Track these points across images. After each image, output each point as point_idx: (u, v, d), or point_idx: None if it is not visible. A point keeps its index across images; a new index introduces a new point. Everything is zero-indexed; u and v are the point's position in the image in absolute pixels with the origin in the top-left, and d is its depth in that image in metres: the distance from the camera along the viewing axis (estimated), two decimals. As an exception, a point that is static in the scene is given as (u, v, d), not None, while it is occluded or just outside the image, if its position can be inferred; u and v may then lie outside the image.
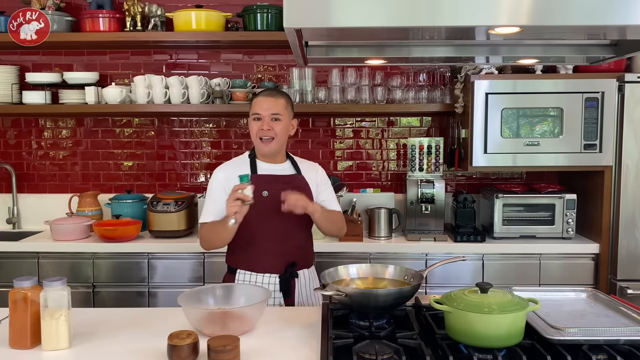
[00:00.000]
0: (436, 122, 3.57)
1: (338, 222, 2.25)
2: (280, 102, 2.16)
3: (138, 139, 3.60)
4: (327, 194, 2.27)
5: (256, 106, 2.16)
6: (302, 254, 2.20)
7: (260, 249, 2.14)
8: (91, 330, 1.69)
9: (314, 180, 2.25)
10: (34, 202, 3.57)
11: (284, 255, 2.14)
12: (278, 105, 2.15)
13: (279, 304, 2.13)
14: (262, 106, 2.15)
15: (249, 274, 2.15)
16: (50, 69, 3.53)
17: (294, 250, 2.17)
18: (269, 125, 2.13)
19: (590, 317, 1.65)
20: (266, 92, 2.20)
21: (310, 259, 2.27)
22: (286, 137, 2.21)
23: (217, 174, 2.20)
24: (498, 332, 1.42)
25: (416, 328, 1.61)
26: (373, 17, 1.29)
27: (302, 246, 2.21)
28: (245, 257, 2.17)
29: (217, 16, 3.23)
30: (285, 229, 2.14)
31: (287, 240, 2.15)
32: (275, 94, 2.18)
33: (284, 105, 2.17)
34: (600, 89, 2.95)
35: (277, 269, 2.14)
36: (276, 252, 2.14)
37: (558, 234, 3.08)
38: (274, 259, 2.14)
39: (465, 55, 1.89)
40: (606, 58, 1.82)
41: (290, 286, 2.14)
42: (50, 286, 1.54)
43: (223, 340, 1.42)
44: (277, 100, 2.16)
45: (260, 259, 2.14)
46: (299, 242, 2.19)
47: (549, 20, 1.29)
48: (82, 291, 3.00)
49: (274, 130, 2.13)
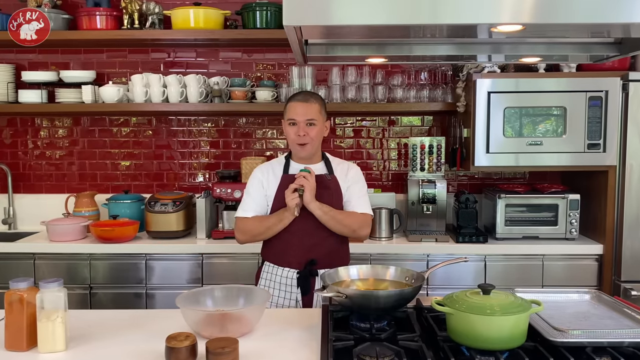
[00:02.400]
0: (438, 121, 3.55)
1: (350, 224, 2.23)
2: (315, 107, 2.21)
3: (135, 139, 3.58)
4: (351, 193, 2.28)
5: (291, 111, 2.21)
6: (324, 252, 2.22)
7: (284, 243, 2.22)
8: (88, 332, 1.68)
9: (344, 180, 2.28)
10: (30, 203, 3.55)
11: (306, 251, 2.20)
12: (313, 110, 2.20)
13: (295, 299, 2.18)
14: (297, 111, 2.20)
15: (274, 266, 2.25)
16: (46, 68, 3.51)
17: (315, 247, 2.20)
18: (305, 130, 2.19)
19: (594, 318, 1.64)
20: (300, 97, 2.24)
21: (337, 261, 2.21)
22: (321, 140, 2.28)
23: (255, 173, 2.31)
24: (500, 334, 1.41)
25: (417, 330, 1.60)
26: (374, 14, 1.28)
27: (324, 245, 2.22)
28: (271, 249, 2.28)
29: (216, 14, 3.21)
30: (307, 226, 2.19)
31: (308, 237, 2.20)
32: (309, 99, 2.23)
33: (318, 109, 2.22)
34: (604, 87, 2.93)
35: (298, 264, 2.20)
36: (298, 247, 2.20)
37: (561, 234, 3.06)
38: (295, 254, 2.20)
39: (467, 54, 1.88)
40: (610, 56, 1.81)
41: (309, 283, 2.19)
42: (47, 287, 1.53)
43: (222, 342, 1.42)
44: (312, 105, 2.21)
45: (283, 252, 2.23)
46: (321, 240, 2.21)
47: (552, 18, 1.28)
48: (79, 293, 2.98)
49: (309, 135, 2.20)
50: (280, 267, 2.23)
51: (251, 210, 2.25)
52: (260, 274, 2.31)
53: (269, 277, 2.26)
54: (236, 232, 2.29)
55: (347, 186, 2.28)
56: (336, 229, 2.20)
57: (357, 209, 2.26)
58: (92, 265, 2.99)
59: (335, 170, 2.30)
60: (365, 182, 2.35)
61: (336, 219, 2.18)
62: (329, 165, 2.32)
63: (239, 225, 2.28)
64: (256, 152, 3.55)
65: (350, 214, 2.25)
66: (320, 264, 2.19)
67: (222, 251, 2.99)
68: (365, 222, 2.27)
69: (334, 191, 2.25)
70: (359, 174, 2.34)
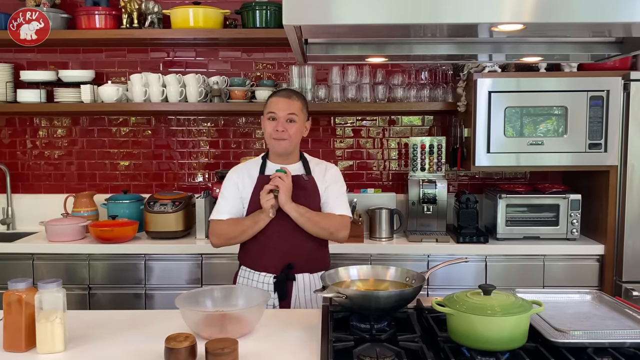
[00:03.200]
0: (438, 121, 3.54)
1: (328, 226, 2.16)
2: (297, 104, 2.17)
3: (135, 138, 3.57)
4: (329, 194, 2.22)
5: (272, 105, 2.17)
6: (303, 256, 2.16)
7: (262, 247, 2.17)
8: (87, 333, 1.67)
9: (322, 180, 2.23)
10: (28, 203, 3.54)
11: (283, 255, 2.14)
12: (294, 107, 2.16)
13: (272, 305, 2.12)
14: (278, 106, 2.16)
15: (250, 271, 2.19)
16: (45, 67, 3.49)
17: (293, 251, 2.15)
18: (284, 126, 2.14)
19: (595, 319, 1.63)
20: (283, 93, 2.20)
21: (315, 265, 2.19)
22: (299, 139, 2.23)
23: (230, 175, 2.26)
24: (501, 335, 1.41)
25: (418, 331, 1.60)
26: (374, 14, 1.27)
27: (302, 248, 2.17)
28: (248, 254, 2.22)
29: (215, 13, 3.19)
30: (284, 229, 2.13)
31: (285, 241, 2.15)
32: (292, 95, 2.19)
33: (300, 107, 2.18)
34: (606, 87, 2.92)
35: (275, 269, 2.14)
36: (275, 251, 2.15)
37: (562, 234, 3.05)
38: (272, 258, 2.15)
39: (467, 53, 1.86)
40: (611, 56, 1.80)
41: (286, 288, 2.13)
42: (45, 288, 1.53)
43: (221, 343, 1.41)
44: (294, 101, 2.17)
45: (260, 257, 2.17)
46: (298, 244, 2.16)
47: (553, 17, 1.27)
48: (78, 293, 2.97)
49: (288, 132, 2.14)
50: (257, 271, 2.17)
51: (225, 213, 2.20)
52: (237, 278, 2.25)
53: (245, 282, 2.19)
54: (210, 236, 2.24)
55: (325, 187, 2.22)
56: (313, 232, 2.14)
57: (335, 211, 2.20)
58: (91, 266, 2.98)
59: (313, 170, 2.25)
60: (344, 183, 2.29)
61: (313, 220, 2.12)
62: (307, 165, 2.26)
63: (212, 228, 2.22)
64: (256, 152, 3.53)
65: (328, 215, 2.19)
66: (298, 268, 2.14)
67: (221, 251, 2.94)
68: (343, 224, 2.20)
69: (311, 192, 2.20)
70: (338, 174, 2.28)
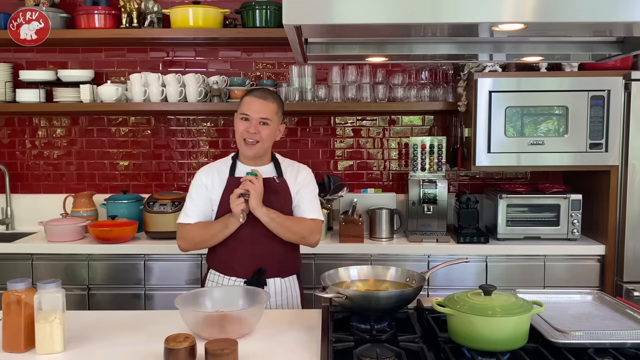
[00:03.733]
0: (438, 120, 3.53)
1: (299, 230, 2.11)
2: (272, 107, 2.10)
3: (134, 138, 3.56)
4: (301, 197, 2.17)
5: (246, 106, 2.10)
6: (274, 260, 2.12)
7: (231, 251, 2.12)
8: (86, 334, 1.67)
9: (294, 183, 2.18)
10: (27, 203, 3.53)
11: (254, 260, 2.10)
12: (269, 109, 2.09)
13: None
14: (252, 107, 2.09)
15: (219, 275, 2.15)
16: (44, 67, 3.49)
17: (264, 255, 2.10)
18: (256, 128, 2.07)
19: (596, 320, 1.63)
20: (258, 93, 2.13)
21: (287, 269, 2.17)
22: (272, 142, 2.16)
23: (198, 175, 2.19)
24: (502, 336, 1.41)
25: (418, 331, 1.60)
26: (374, 13, 1.27)
27: (274, 252, 2.12)
28: (218, 258, 2.17)
29: (215, 13, 3.19)
30: (256, 233, 2.09)
31: (257, 245, 2.10)
32: (268, 97, 2.12)
33: (274, 110, 2.11)
34: (607, 87, 2.91)
35: (246, 273, 2.10)
36: (245, 257, 2.10)
37: (563, 235, 3.04)
38: (243, 263, 2.10)
39: (468, 53, 1.86)
40: (612, 55, 1.79)
41: None
42: (45, 288, 1.52)
43: (221, 343, 1.41)
44: (269, 103, 2.10)
45: (230, 262, 2.12)
46: (270, 249, 2.11)
47: (554, 17, 1.26)
48: (77, 294, 2.96)
49: (260, 134, 2.08)
50: (227, 276, 2.12)
51: (194, 216, 2.13)
52: (206, 282, 2.20)
53: (214, 285, 2.14)
54: (178, 239, 2.16)
55: (296, 190, 2.16)
56: (284, 236, 2.09)
57: (306, 215, 2.14)
58: (91, 266, 2.97)
59: (285, 172, 2.19)
60: (316, 185, 2.23)
61: (284, 225, 2.07)
62: (279, 166, 2.21)
63: (180, 232, 2.15)
64: (256, 152, 3.52)
65: (300, 220, 2.13)
66: (269, 273, 2.10)
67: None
68: (315, 229, 2.14)
69: (283, 195, 2.14)
70: (310, 176, 2.22)
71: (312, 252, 2.93)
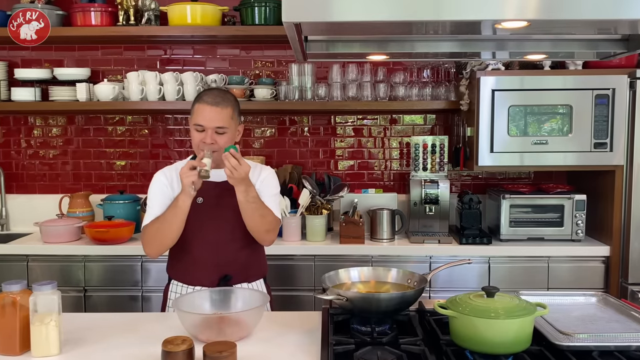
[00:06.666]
0: (440, 120, 3.50)
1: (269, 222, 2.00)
2: (226, 113, 1.96)
3: (131, 138, 3.53)
4: (262, 194, 2.04)
5: (198, 116, 1.95)
6: (238, 266, 2.05)
7: (194, 259, 2.03)
8: (82, 336, 1.66)
9: (255, 181, 2.05)
10: (23, 203, 3.50)
11: (218, 266, 2.01)
12: (223, 117, 1.95)
13: None
14: (205, 116, 1.94)
15: (182, 286, 2.06)
16: (40, 65, 3.45)
17: (227, 262, 2.02)
18: (213, 138, 1.95)
19: (601, 322, 1.62)
20: (210, 99, 1.96)
21: (253, 273, 2.10)
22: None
23: (157, 177, 2.08)
24: (505, 338, 1.40)
25: (420, 334, 1.59)
26: (375, 10, 1.26)
27: (237, 258, 2.05)
28: (179, 267, 2.08)
29: (213, 10, 3.16)
30: (219, 238, 2.02)
31: (221, 251, 2.02)
32: (220, 102, 1.96)
33: (229, 115, 1.97)
34: (611, 85, 2.88)
35: (211, 282, 2.00)
36: (209, 263, 2.01)
37: (567, 236, 3.01)
38: (207, 271, 2.01)
39: (470, 51, 1.84)
40: (617, 53, 1.78)
41: None
42: (40, 290, 1.51)
43: (219, 346, 1.41)
44: (222, 110, 1.95)
45: (193, 269, 2.03)
46: (232, 254, 2.04)
47: (558, 14, 1.25)
48: (73, 295, 2.93)
49: (217, 143, 1.95)
50: (190, 286, 2.02)
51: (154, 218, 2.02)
52: (168, 293, 2.09)
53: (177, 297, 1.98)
54: (143, 247, 2.04)
55: (257, 188, 2.03)
56: (251, 224, 1.97)
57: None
58: (87, 267, 2.94)
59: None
60: (278, 186, 2.14)
61: (259, 212, 1.95)
62: None
63: (142, 237, 2.03)
64: (255, 152, 3.49)
65: (269, 212, 2.01)
66: (235, 279, 2.02)
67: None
68: (277, 226, 2.05)
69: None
70: (272, 175, 2.13)
71: (312, 253, 2.92)
